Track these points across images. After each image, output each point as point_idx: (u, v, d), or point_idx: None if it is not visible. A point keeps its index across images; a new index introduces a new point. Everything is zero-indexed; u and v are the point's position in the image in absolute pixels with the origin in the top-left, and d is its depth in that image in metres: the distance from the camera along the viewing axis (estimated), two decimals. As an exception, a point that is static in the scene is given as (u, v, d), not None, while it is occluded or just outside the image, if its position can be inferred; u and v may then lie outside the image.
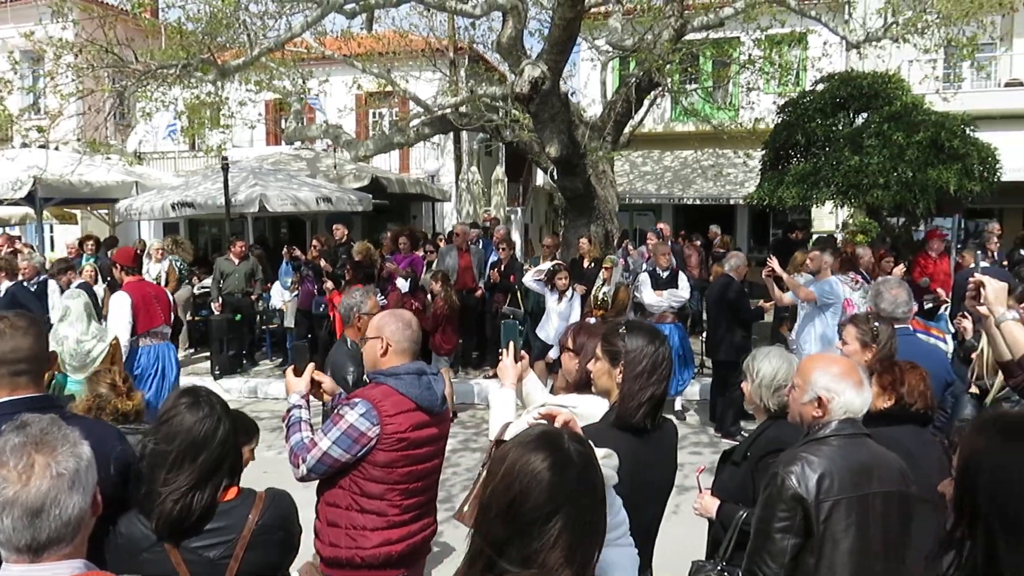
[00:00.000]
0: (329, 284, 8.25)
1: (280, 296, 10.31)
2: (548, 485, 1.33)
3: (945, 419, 3.84)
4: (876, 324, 3.24)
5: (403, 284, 8.36)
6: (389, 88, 12.44)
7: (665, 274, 8.34)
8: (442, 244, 10.97)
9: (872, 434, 2.47)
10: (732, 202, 15.83)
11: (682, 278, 8.50)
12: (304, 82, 12.39)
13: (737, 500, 2.89)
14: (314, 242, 9.48)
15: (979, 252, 5.77)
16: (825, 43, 12.93)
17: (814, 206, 13.02)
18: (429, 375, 2.84)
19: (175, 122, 12.85)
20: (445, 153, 18.05)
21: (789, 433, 2.94)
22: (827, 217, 16.15)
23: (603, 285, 8.30)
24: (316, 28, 11.34)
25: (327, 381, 3.08)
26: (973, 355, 3.78)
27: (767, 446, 2.87)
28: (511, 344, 2.95)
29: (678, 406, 8.29)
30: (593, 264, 9.13)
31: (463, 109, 11.53)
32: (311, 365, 2.99)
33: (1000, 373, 3.13)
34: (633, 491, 2.30)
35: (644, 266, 9.19)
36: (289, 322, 10.03)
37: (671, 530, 2.98)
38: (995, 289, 2.51)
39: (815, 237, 13.51)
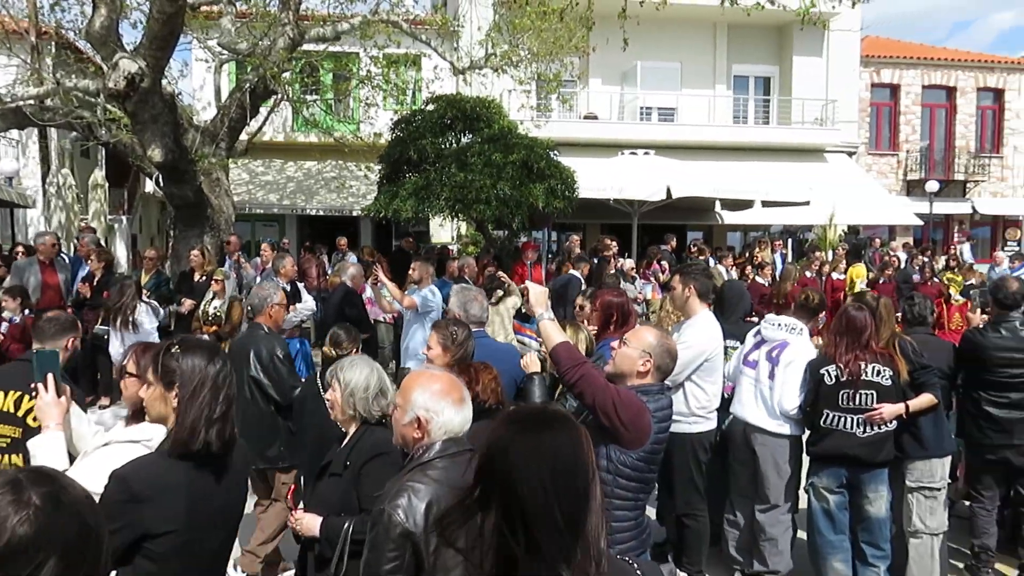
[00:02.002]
0: None
1: None
2: (21, 536, 1.18)
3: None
4: (455, 328, 3.48)
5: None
6: (-54, 70, 10.40)
7: (288, 287, 8.17)
8: (20, 257, 9.42)
9: None
10: (355, 213, 16.08)
11: (303, 290, 8.42)
12: None
13: (340, 512, 2.85)
14: None
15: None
16: (436, 67, 13.81)
17: (429, 218, 13.79)
18: None
19: None
20: (27, 152, 15.58)
21: (384, 435, 2.99)
22: (444, 229, 17.26)
23: (213, 299, 7.83)
24: None
25: None
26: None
27: (371, 451, 2.85)
28: (49, 377, 2.46)
29: (298, 420, 8.14)
30: (205, 278, 8.58)
31: (48, 102, 10.07)
32: None
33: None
34: (195, 522, 2.16)
35: (258, 279, 8.87)
36: None
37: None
38: (536, 293, 2.85)
39: (432, 247, 14.36)
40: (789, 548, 4.50)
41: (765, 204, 14.21)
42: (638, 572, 1.60)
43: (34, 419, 2.63)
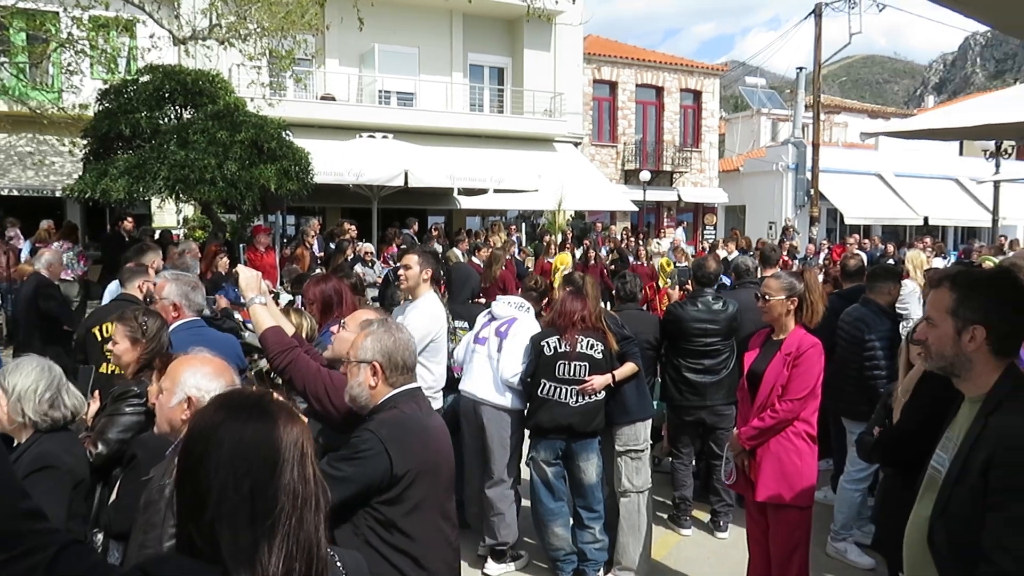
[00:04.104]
0: None
1: None
2: None
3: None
4: (146, 319, 3.17)
5: None
6: None
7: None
8: None
9: None
10: (60, 194, 14.20)
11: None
12: None
13: None
14: None
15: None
16: (153, 35, 12.56)
17: (146, 200, 12.58)
18: None
19: None
20: None
21: (60, 444, 2.70)
22: (170, 212, 15.88)
23: None
24: None
25: None
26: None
27: (31, 465, 2.56)
28: None
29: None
30: None
31: None
32: None
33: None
34: None
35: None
36: None
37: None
38: (246, 277, 2.68)
39: (156, 231, 13.13)
40: (515, 519, 4.73)
41: (497, 191, 14.84)
42: (338, 564, 1.54)
43: None
